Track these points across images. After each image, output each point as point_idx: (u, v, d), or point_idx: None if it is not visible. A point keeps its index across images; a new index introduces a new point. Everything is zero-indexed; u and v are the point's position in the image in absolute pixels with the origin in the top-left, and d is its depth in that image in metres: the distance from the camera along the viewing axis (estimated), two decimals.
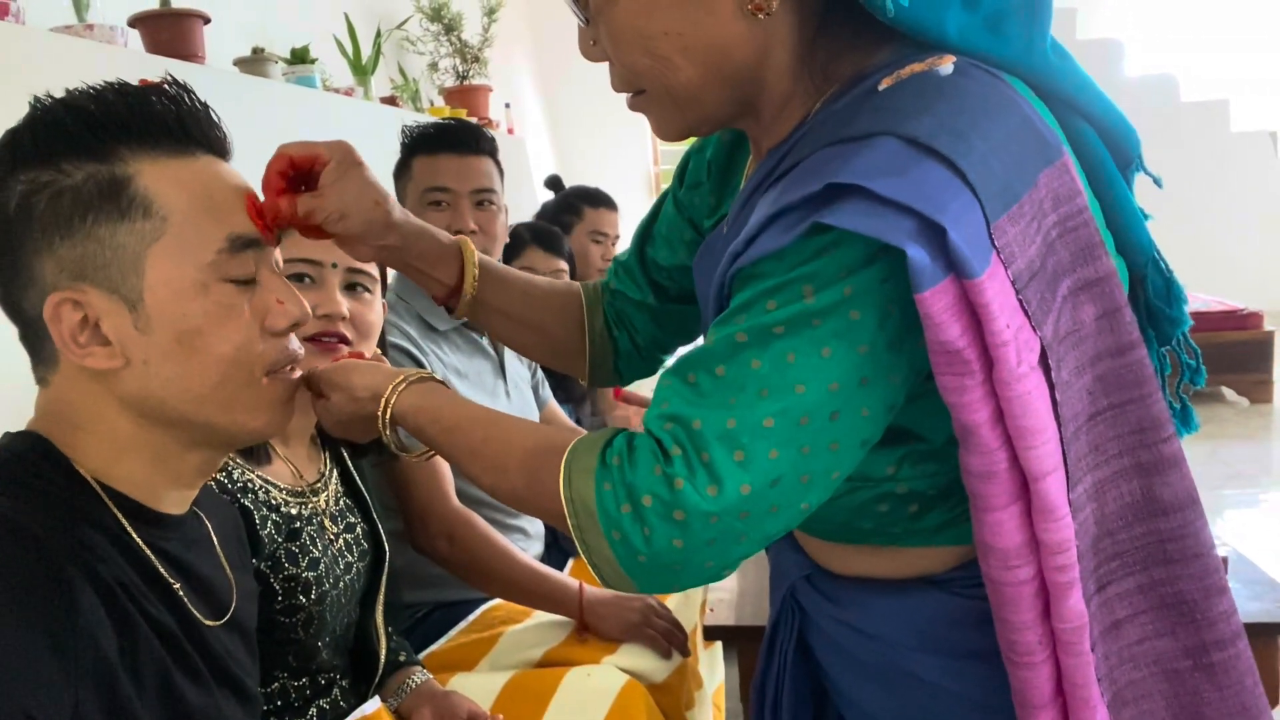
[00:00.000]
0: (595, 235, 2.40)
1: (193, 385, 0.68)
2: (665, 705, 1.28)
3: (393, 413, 0.75)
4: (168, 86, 0.69)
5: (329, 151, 0.80)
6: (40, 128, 0.66)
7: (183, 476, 0.73)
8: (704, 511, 0.59)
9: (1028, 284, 0.59)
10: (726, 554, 0.61)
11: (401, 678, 1.17)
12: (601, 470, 0.62)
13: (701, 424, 0.60)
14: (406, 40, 3.61)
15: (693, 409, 0.61)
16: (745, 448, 0.59)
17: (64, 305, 0.65)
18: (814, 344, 0.59)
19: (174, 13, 1.95)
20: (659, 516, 0.59)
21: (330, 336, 1.05)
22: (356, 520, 1.13)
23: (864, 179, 0.57)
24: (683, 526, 0.59)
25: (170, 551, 0.71)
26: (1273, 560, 2.73)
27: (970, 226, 0.56)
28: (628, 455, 0.62)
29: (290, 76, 2.44)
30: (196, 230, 0.68)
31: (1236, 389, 4.87)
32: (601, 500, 0.61)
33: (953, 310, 0.56)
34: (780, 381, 0.59)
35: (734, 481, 0.59)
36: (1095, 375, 0.63)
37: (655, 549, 0.60)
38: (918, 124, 0.59)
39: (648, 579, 0.62)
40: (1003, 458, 0.59)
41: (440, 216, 1.53)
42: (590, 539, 0.62)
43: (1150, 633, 0.66)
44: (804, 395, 0.59)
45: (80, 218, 0.65)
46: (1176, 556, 0.66)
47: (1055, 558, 0.60)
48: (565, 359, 0.98)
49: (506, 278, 0.92)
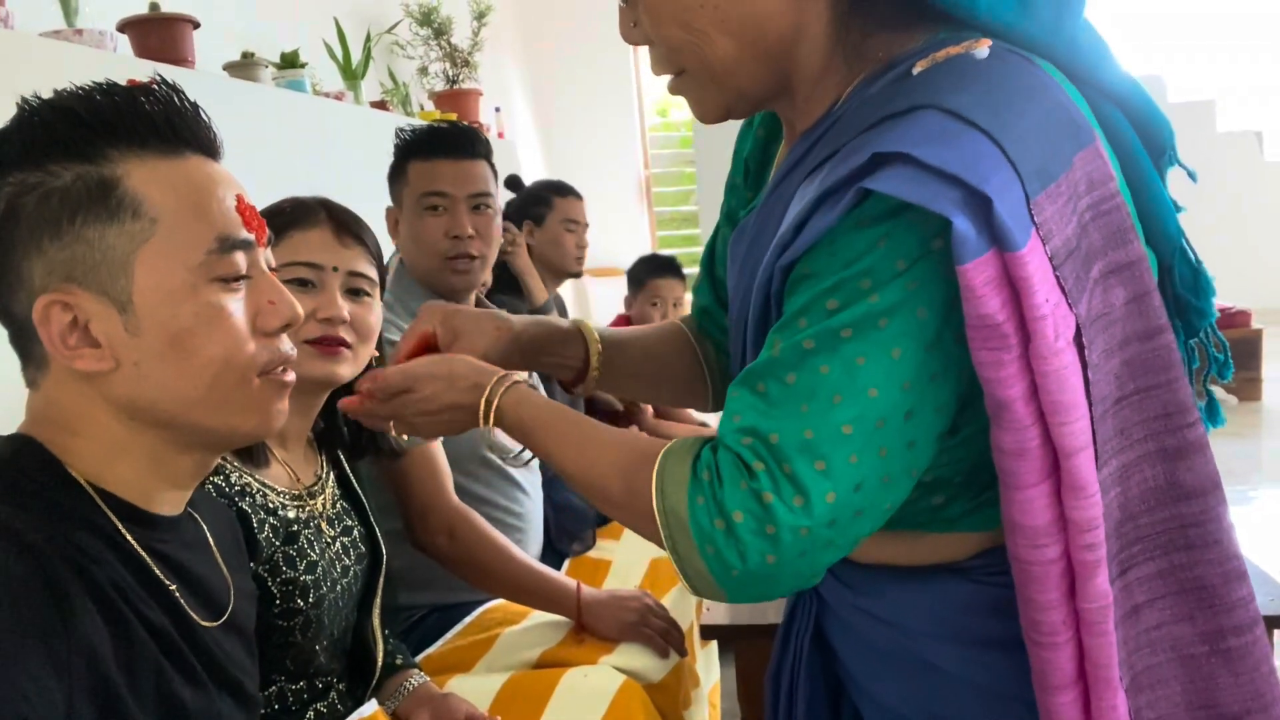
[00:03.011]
0: (568, 224, 2.47)
1: (184, 387, 0.67)
2: (662, 704, 1.28)
3: (498, 405, 0.76)
4: (156, 87, 0.69)
5: (427, 321, 0.83)
6: (28, 129, 0.65)
7: (177, 478, 0.72)
8: (794, 525, 0.59)
9: (1064, 262, 0.59)
10: (817, 562, 0.61)
11: (399, 680, 1.17)
12: (694, 484, 0.62)
13: (779, 436, 0.60)
14: (396, 44, 3.61)
15: (768, 421, 0.61)
16: (826, 457, 0.59)
17: (53, 307, 0.65)
18: (883, 346, 0.59)
19: (163, 17, 1.95)
20: (751, 533, 0.60)
21: (331, 340, 1.05)
22: (353, 523, 1.13)
23: (910, 147, 0.57)
24: (774, 541, 0.60)
25: (165, 553, 0.70)
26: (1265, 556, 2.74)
27: (1012, 200, 0.57)
28: (716, 471, 0.62)
29: (280, 81, 2.44)
30: (186, 231, 0.67)
31: (1225, 387, 4.90)
32: (695, 515, 0.62)
33: (994, 283, 0.57)
34: (852, 386, 0.59)
35: (819, 491, 0.59)
36: (1123, 359, 0.64)
37: (749, 565, 0.60)
38: (957, 99, 0.60)
39: (741, 591, 0.62)
40: (1035, 434, 0.59)
41: (437, 221, 1.53)
42: (683, 550, 0.63)
43: (1169, 618, 0.66)
44: (877, 398, 0.59)
45: (69, 219, 0.65)
46: (1197, 542, 0.66)
47: (1083, 535, 0.60)
48: (691, 396, 0.98)
49: (622, 341, 0.92)
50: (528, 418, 0.75)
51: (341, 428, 1.16)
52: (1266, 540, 3.06)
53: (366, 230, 1.13)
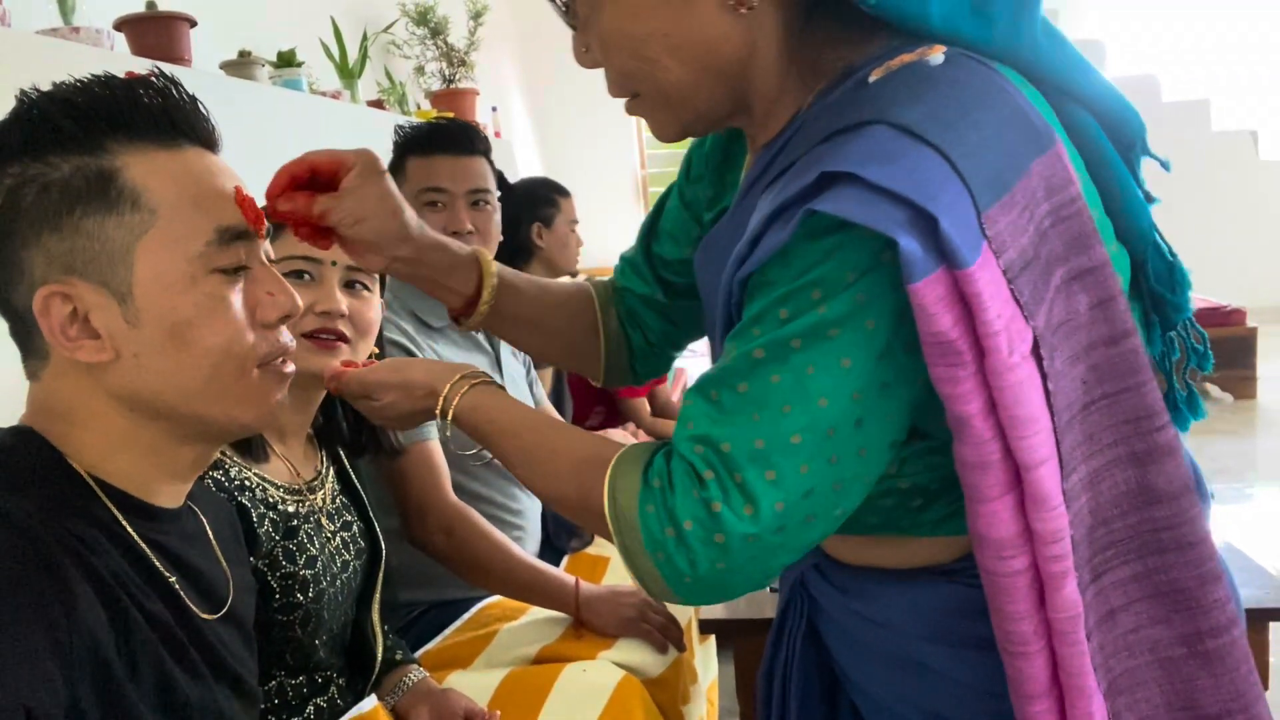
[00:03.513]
0: (572, 224, 2.48)
1: (183, 378, 0.67)
2: (661, 700, 1.28)
3: (453, 412, 0.77)
4: (154, 79, 0.69)
5: (354, 158, 0.79)
6: (26, 121, 0.65)
7: (177, 470, 0.72)
8: (743, 533, 0.60)
9: (1020, 274, 0.59)
10: (768, 566, 0.62)
11: (398, 676, 1.17)
12: (645, 492, 0.63)
13: (730, 445, 0.61)
14: (393, 44, 3.61)
15: (719, 429, 0.61)
16: (776, 466, 0.60)
17: (53, 298, 0.65)
18: (832, 356, 0.59)
19: (160, 15, 1.94)
20: (701, 541, 0.61)
21: (329, 334, 1.05)
22: (353, 519, 1.13)
23: (856, 166, 0.57)
24: (723, 549, 0.60)
25: (165, 545, 0.70)
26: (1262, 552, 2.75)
27: (961, 216, 0.57)
28: (668, 478, 0.63)
29: (277, 80, 2.44)
30: (185, 222, 0.67)
31: (1221, 385, 4.92)
32: (646, 522, 0.63)
33: (945, 301, 0.57)
34: (802, 396, 0.60)
35: (768, 500, 0.60)
36: (1089, 365, 0.63)
37: (700, 571, 0.61)
38: (908, 112, 0.59)
39: (693, 596, 0.63)
40: (995, 448, 0.59)
41: (436, 217, 1.53)
42: (636, 557, 0.64)
43: (1145, 621, 0.66)
44: (827, 407, 0.59)
45: (68, 211, 0.65)
46: (1171, 545, 0.65)
47: (1049, 547, 0.60)
48: (579, 360, 0.98)
49: (519, 284, 0.92)
50: (483, 422, 0.76)
51: (341, 424, 1.16)
52: (1261, 536, 3.07)
53: None
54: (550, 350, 1.00)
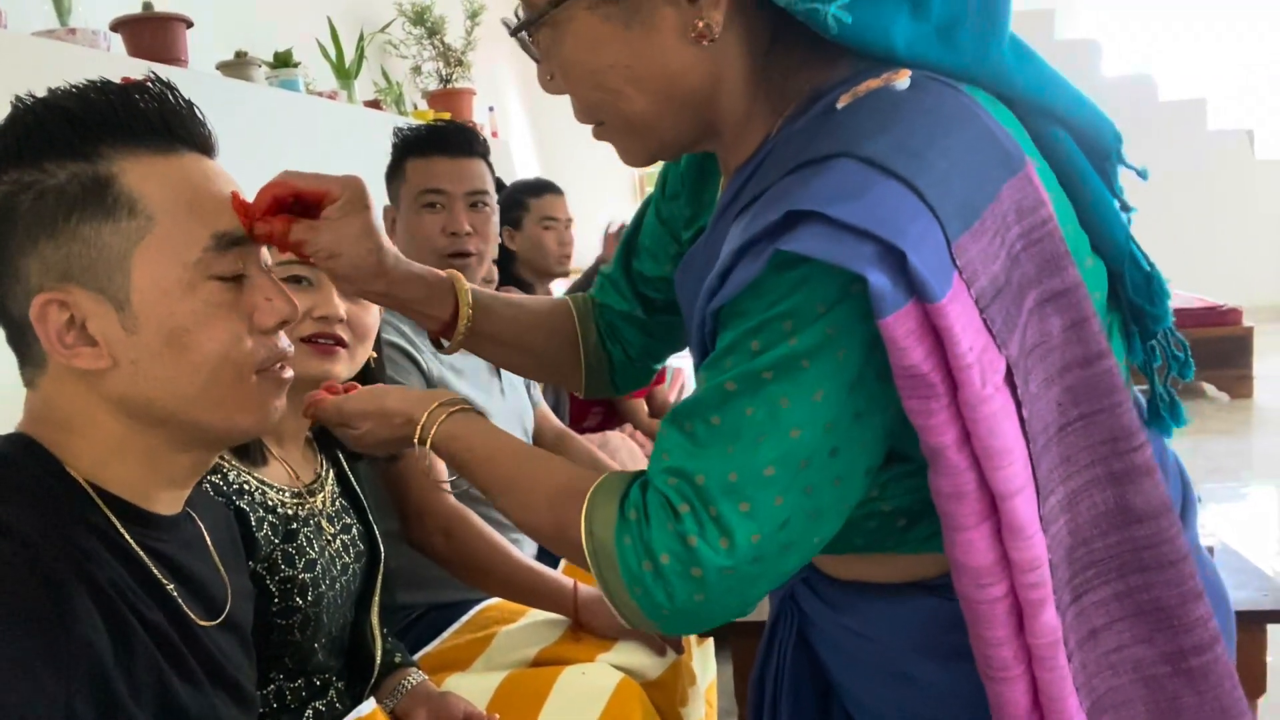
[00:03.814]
0: (546, 222, 2.41)
1: (182, 385, 0.67)
2: (660, 702, 1.29)
3: (431, 440, 0.77)
4: (150, 84, 0.69)
5: (340, 189, 0.78)
6: (22, 128, 0.65)
7: (174, 477, 0.72)
8: (719, 566, 0.60)
9: (992, 301, 0.59)
10: (745, 596, 0.62)
11: (397, 679, 1.17)
12: (621, 524, 0.63)
13: (705, 478, 0.61)
14: (389, 44, 3.60)
15: (693, 461, 0.62)
16: (750, 498, 0.60)
17: (50, 306, 0.65)
18: (805, 387, 0.59)
19: (156, 17, 1.94)
20: (678, 575, 0.61)
21: (327, 339, 1.05)
22: (352, 521, 1.13)
23: (821, 205, 0.57)
24: (701, 583, 0.61)
25: (163, 552, 0.70)
26: (1256, 552, 2.76)
27: (931, 248, 0.56)
28: (644, 511, 0.63)
29: (273, 80, 2.44)
30: (182, 228, 0.67)
31: (1217, 384, 4.93)
32: (623, 555, 0.63)
33: (915, 334, 0.56)
34: (775, 427, 0.59)
35: (744, 532, 0.60)
36: (1064, 386, 0.63)
37: (677, 604, 0.62)
38: (874, 143, 0.59)
39: (672, 627, 0.64)
40: (971, 478, 0.59)
41: (435, 218, 1.53)
42: (614, 589, 0.64)
43: (1128, 640, 0.66)
44: (801, 438, 0.59)
45: (65, 217, 0.64)
46: (1151, 564, 0.65)
47: (1026, 575, 0.60)
48: (560, 374, 0.98)
49: (495, 305, 0.91)
50: (461, 450, 0.75)
51: None
52: (1257, 536, 3.08)
53: None
54: (530, 367, 1.01)
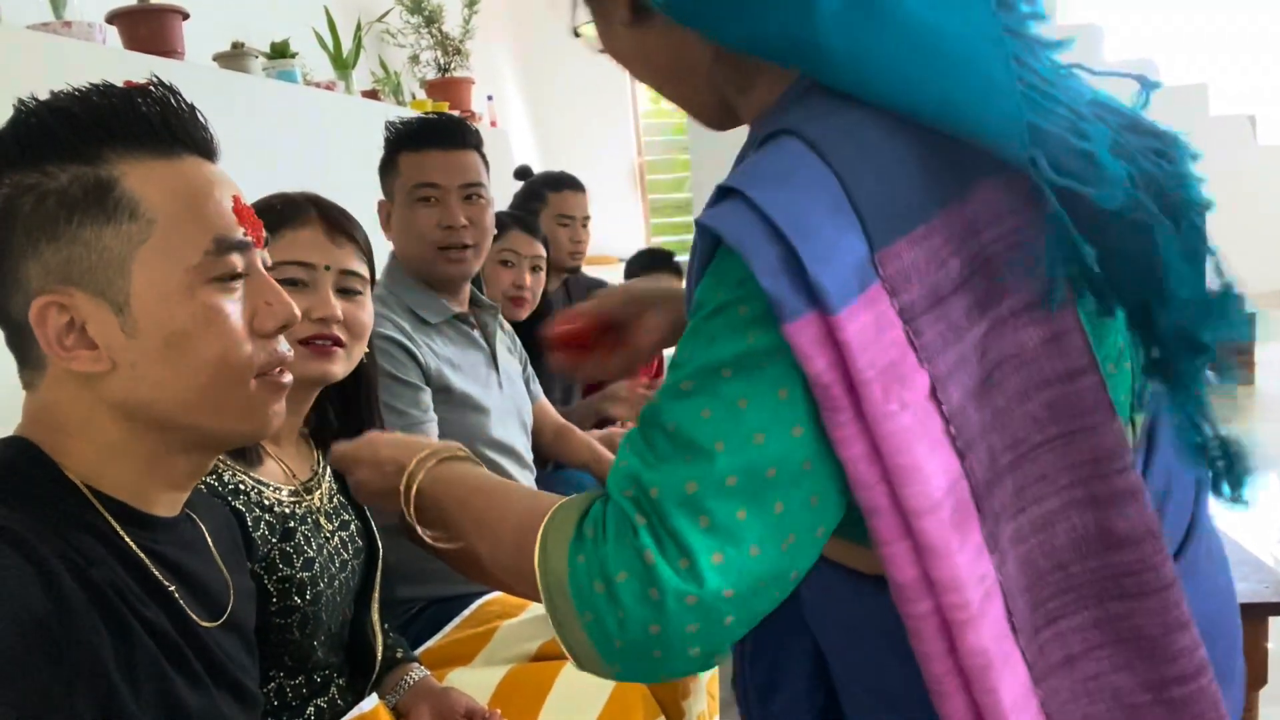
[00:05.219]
0: (562, 219, 2.39)
1: (181, 388, 0.67)
2: (661, 695, 1.29)
3: (417, 487, 0.72)
4: (153, 88, 0.69)
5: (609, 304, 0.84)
6: (24, 130, 0.65)
7: (173, 479, 0.72)
8: (680, 591, 0.53)
9: (924, 312, 0.55)
10: (711, 638, 0.55)
11: (399, 674, 1.17)
12: (576, 542, 0.57)
13: (659, 490, 0.55)
14: (387, 33, 3.58)
15: (649, 471, 0.56)
16: (710, 513, 0.54)
17: (50, 308, 0.65)
18: (765, 384, 0.54)
19: (152, 8, 1.93)
20: (634, 597, 0.54)
21: (324, 339, 1.05)
22: (350, 518, 1.13)
23: (746, 184, 0.55)
24: (658, 608, 0.53)
25: (163, 554, 0.70)
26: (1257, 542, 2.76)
27: (840, 255, 0.53)
28: (602, 527, 0.56)
29: (270, 71, 2.42)
30: (183, 232, 0.67)
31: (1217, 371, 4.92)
32: (575, 576, 0.56)
33: (818, 343, 0.53)
34: (736, 432, 0.54)
35: (704, 551, 0.53)
36: (1043, 401, 0.60)
37: (630, 634, 0.54)
38: (824, 125, 0.56)
39: (626, 666, 0.56)
40: (882, 492, 0.55)
41: (430, 212, 1.53)
42: (563, 617, 0.57)
43: (1107, 667, 0.63)
44: (765, 445, 0.54)
45: (65, 220, 0.64)
46: (1134, 591, 0.62)
47: (947, 595, 0.56)
48: None
49: None
50: (441, 495, 0.70)
51: (332, 422, 1.16)
52: (1259, 525, 3.08)
53: (357, 227, 1.13)
54: None
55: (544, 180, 2.50)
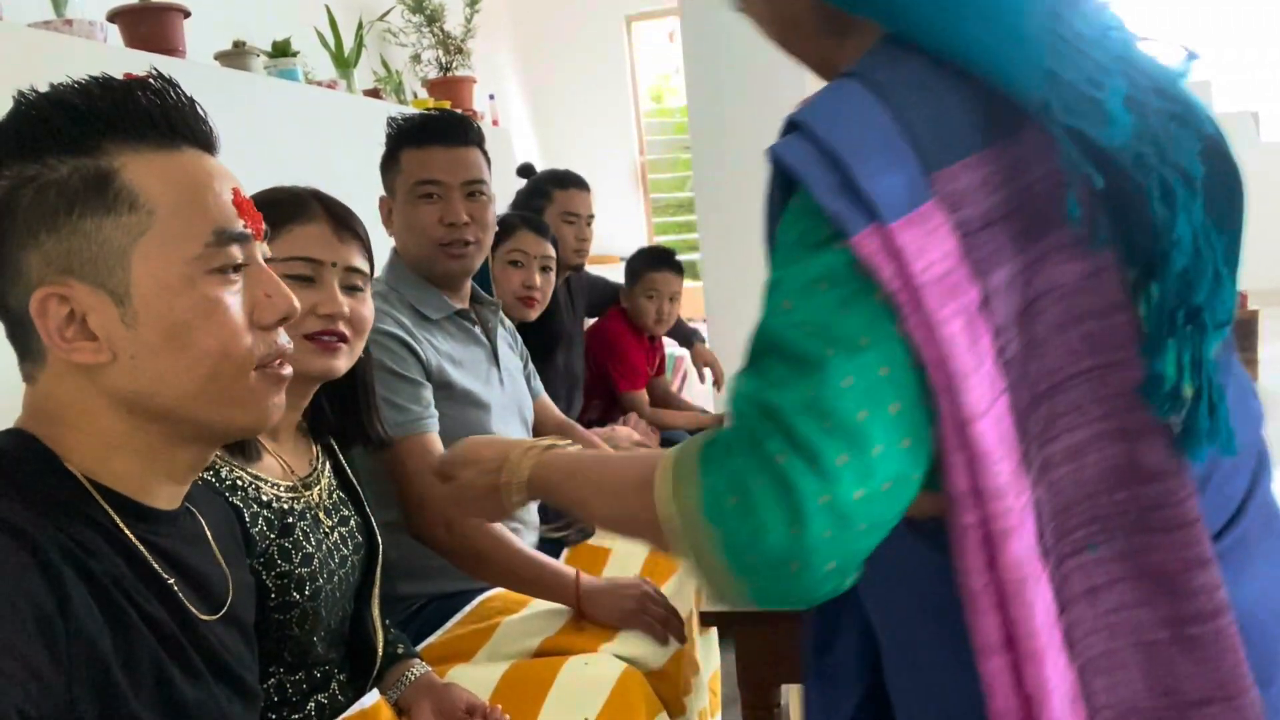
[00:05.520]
0: (567, 217, 2.39)
1: (181, 380, 0.67)
2: (663, 692, 1.29)
3: (527, 476, 0.79)
4: (152, 80, 0.69)
5: None
6: (25, 122, 0.65)
7: (174, 472, 0.72)
8: (812, 492, 0.56)
9: (979, 230, 0.59)
10: (846, 547, 0.57)
11: (400, 670, 1.17)
12: (705, 464, 0.60)
13: (781, 403, 0.58)
14: (389, 32, 3.58)
15: (768, 389, 0.59)
16: (832, 414, 0.56)
17: (50, 300, 0.65)
18: (860, 292, 0.58)
19: (153, 7, 1.93)
20: (768, 505, 0.56)
21: (331, 335, 1.06)
22: (350, 513, 1.13)
23: (809, 115, 0.60)
24: (794, 513, 0.56)
25: (163, 547, 0.70)
26: None
27: (895, 173, 0.58)
28: (727, 446, 0.60)
29: (272, 70, 2.42)
30: (183, 224, 0.67)
31: None
32: (709, 494, 0.59)
33: (882, 253, 0.57)
34: (842, 336, 0.57)
35: (832, 455, 0.56)
36: (1081, 334, 0.62)
37: (767, 546, 0.56)
38: (889, 73, 0.62)
39: (764, 584, 0.58)
40: (945, 400, 0.58)
41: (432, 209, 1.52)
42: (699, 546, 0.59)
43: (1128, 601, 0.65)
44: (870, 347, 0.57)
45: (66, 212, 0.65)
46: (1158, 525, 0.64)
47: (991, 503, 0.59)
48: None
49: None
50: (551, 476, 0.77)
51: (329, 415, 1.16)
52: None
53: (360, 224, 1.14)
54: None
55: (550, 177, 2.49)
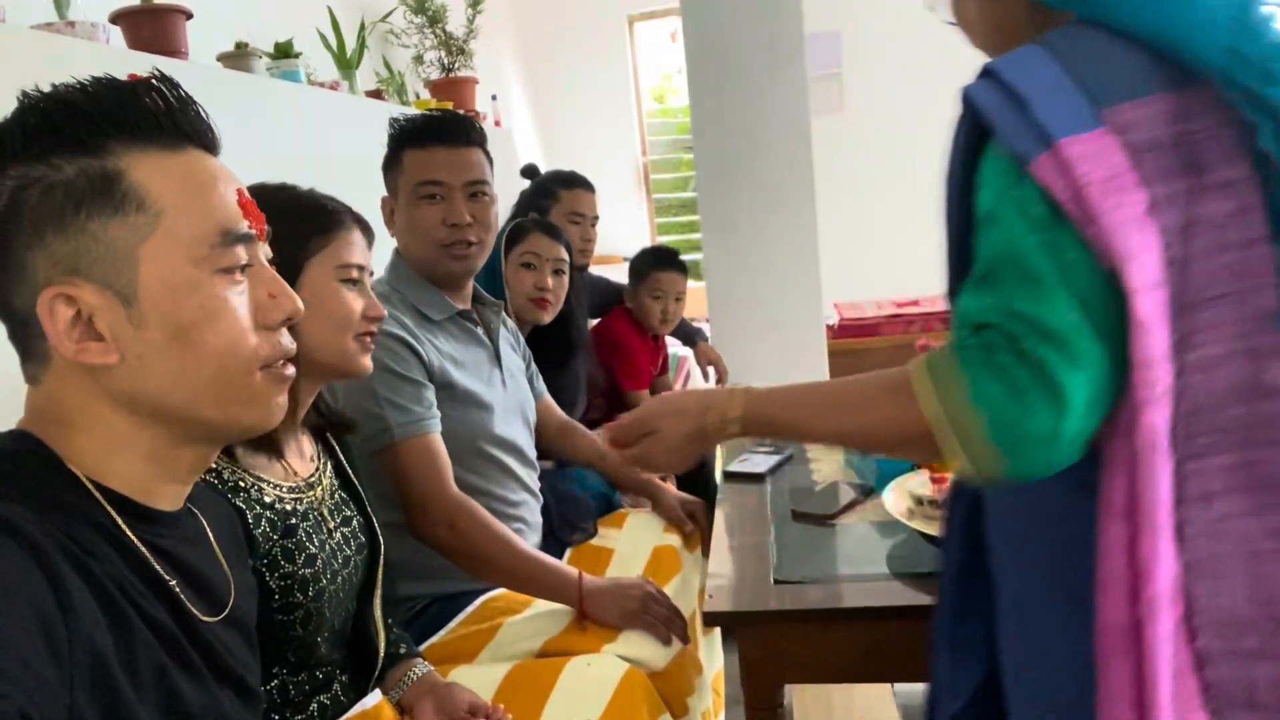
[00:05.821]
0: (572, 217, 2.40)
1: (187, 380, 0.67)
2: (666, 692, 1.29)
3: (740, 413, 0.87)
4: (156, 81, 0.69)
5: None
6: (30, 123, 0.65)
7: (176, 473, 0.72)
8: (1069, 381, 0.67)
9: (1147, 151, 0.68)
10: (1087, 425, 0.69)
11: (403, 670, 1.17)
12: (964, 364, 0.71)
13: (1025, 308, 0.69)
14: (391, 33, 3.59)
15: (1011, 296, 0.70)
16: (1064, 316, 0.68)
17: (57, 300, 0.65)
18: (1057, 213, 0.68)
19: (156, 8, 1.93)
20: (1033, 391, 0.68)
21: (372, 336, 1.14)
22: (353, 514, 1.13)
23: (998, 64, 0.72)
24: (1057, 398, 0.67)
25: (165, 548, 0.70)
26: None
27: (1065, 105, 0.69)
28: (987, 345, 0.70)
29: (274, 71, 2.42)
30: (189, 224, 0.67)
31: None
32: (975, 384, 0.70)
33: (1055, 172, 0.68)
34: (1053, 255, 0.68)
35: (1078, 349, 0.67)
36: (1224, 263, 0.69)
37: (1035, 424, 0.68)
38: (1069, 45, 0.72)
39: (1026, 458, 0.69)
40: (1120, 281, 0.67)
41: (434, 209, 1.52)
42: (965, 433, 0.71)
43: (1238, 510, 0.69)
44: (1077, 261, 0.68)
45: (73, 212, 0.65)
46: (1276, 439, 0.69)
47: (1142, 371, 0.67)
48: None
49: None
50: (770, 408, 0.85)
51: (325, 418, 1.16)
52: None
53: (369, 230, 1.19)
54: None
55: (556, 178, 2.50)
